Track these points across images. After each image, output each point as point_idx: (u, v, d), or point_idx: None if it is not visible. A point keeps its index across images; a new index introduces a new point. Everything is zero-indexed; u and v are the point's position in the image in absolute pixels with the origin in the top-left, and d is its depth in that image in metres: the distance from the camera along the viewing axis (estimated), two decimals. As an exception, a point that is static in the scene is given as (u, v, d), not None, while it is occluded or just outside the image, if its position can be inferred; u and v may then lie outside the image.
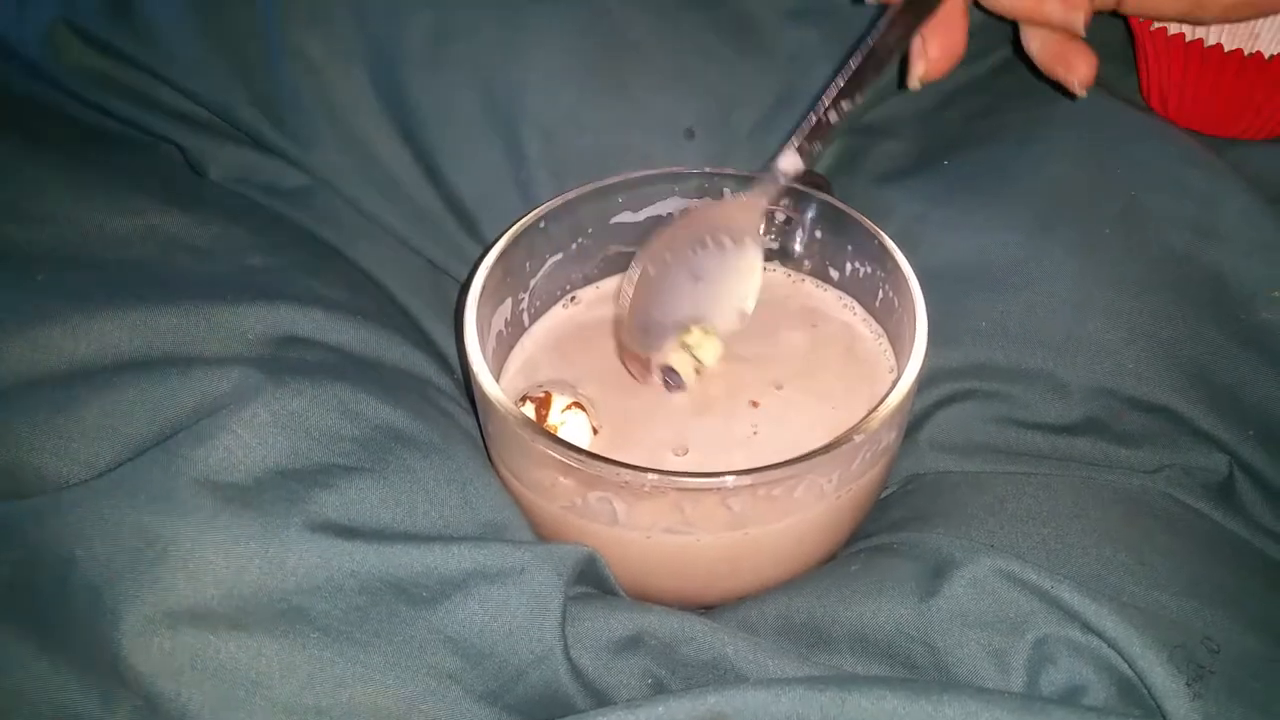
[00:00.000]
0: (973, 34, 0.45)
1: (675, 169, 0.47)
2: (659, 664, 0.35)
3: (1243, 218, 0.46)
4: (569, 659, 0.34)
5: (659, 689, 0.35)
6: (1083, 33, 0.44)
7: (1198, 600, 0.36)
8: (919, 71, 0.43)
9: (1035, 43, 0.46)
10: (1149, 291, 0.44)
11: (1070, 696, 0.34)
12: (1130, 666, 0.33)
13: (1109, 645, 0.34)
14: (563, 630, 0.34)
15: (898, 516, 0.42)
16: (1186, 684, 0.33)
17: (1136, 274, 0.44)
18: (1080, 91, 0.44)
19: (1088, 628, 0.34)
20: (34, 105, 0.48)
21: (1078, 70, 0.44)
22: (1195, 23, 0.47)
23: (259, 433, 0.34)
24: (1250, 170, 0.48)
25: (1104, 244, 0.45)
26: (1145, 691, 0.33)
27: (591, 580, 0.38)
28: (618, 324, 0.46)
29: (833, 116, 0.42)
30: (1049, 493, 0.40)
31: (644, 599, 0.39)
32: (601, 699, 0.34)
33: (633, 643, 0.35)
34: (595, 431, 0.42)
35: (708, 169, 0.47)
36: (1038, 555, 0.37)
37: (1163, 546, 0.38)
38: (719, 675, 0.35)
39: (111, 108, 0.48)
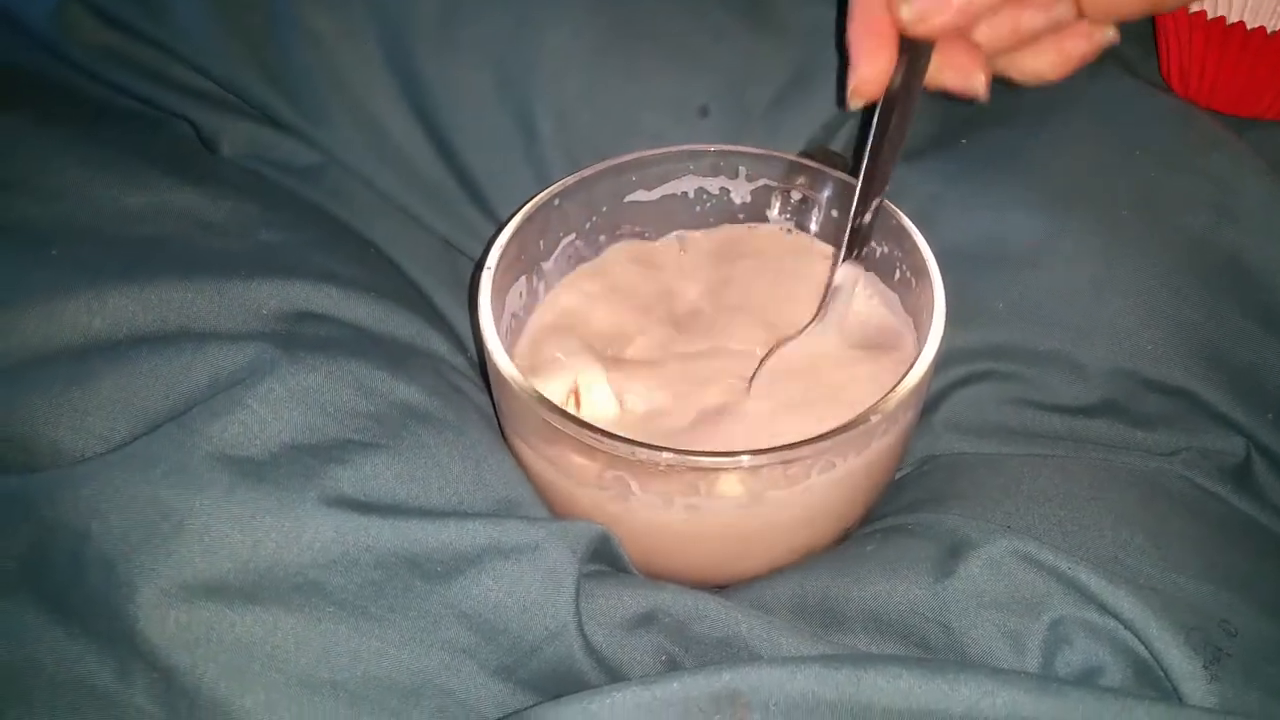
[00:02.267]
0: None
1: (689, 147, 0.46)
2: (673, 641, 0.35)
3: (1262, 200, 0.45)
4: (583, 635, 0.34)
5: (672, 666, 0.35)
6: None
7: (1214, 583, 0.36)
8: (852, 93, 0.40)
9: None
10: (1168, 273, 0.44)
11: (1086, 678, 0.33)
12: (1147, 648, 0.33)
13: (1125, 627, 0.34)
14: (577, 606, 0.34)
15: (913, 497, 0.41)
16: (1203, 666, 0.33)
17: (1155, 256, 0.44)
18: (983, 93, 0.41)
19: (1104, 609, 0.34)
20: (44, 81, 0.48)
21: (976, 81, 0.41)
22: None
23: (275, 408, 0.34)
24: (1271, 151, 0.48)
25: (1122, 225, 0.45)
26: (1162, 673, 0.33)
27: (605, 558, 0.38)
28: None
29: (868, 218, 0.41)
30: (1065, 475, 0.40)
31: (657, 577, 0.39)
32: (615, 675, 0.34)
33: (646, 620, 0.35)
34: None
35: (722, 147, 0.46)
36: (1054, 537, 0.37)
37: (1179, 529, 0.38)
38: (732, 653, 0.35)
39: (123, 83, 0.48)
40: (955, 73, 0.40)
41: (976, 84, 0.39)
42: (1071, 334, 0.43)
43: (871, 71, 0.38)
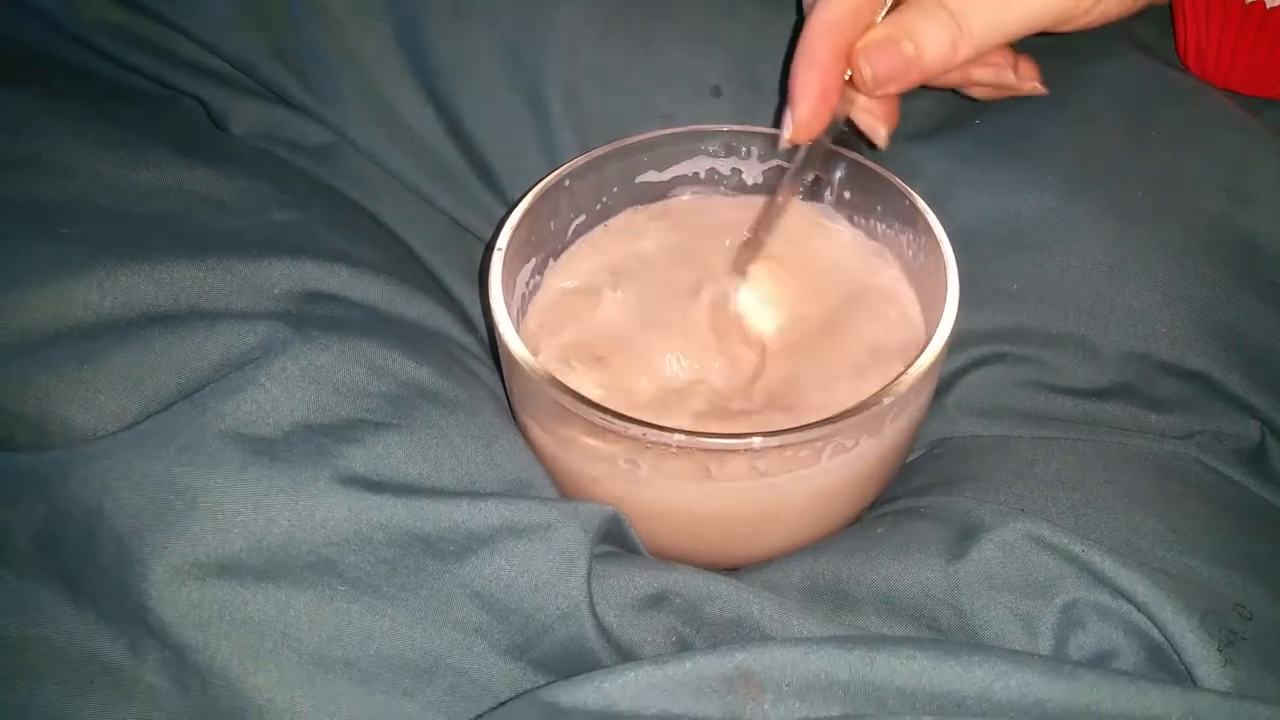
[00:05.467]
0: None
1: (701, 127, 0.46)
2: (684, 622, 0.35)
3: (1278, 181, 0.45)
4: (595, 615, 0.34)
5: (683, 647, 0.35)
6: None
7: (1229, 566, 0.36)
8: (786, 136, 0.43)
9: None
10: (1183, 255, 0.43)
11: (1100, 661, 0.33)
12: (1161, 632, 0.33)
13: (1139, 610, 0.33)
14: (589, 586, 0.34)
15: (925, 480, 0.41)
16: (1218, 649, 0.32)
17: (1170, 237, 0.44)
18: (883, 144, 0.45)
19: (1118, 592, 0.34)
20: (54, 59, 0.48)
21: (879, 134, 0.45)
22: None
23: (287, 387, 0.34)
24: (1288, 132, 0.47)
25: (1137, 206, 0.45)
26: (1175, 657, 0.33)
27: (616, 539, 0.38)
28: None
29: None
30: (1079, 457, 0.40)
31: (668, 559, 0.39)
32: (626, 655, 0.35)
33: (657, 600, 0.35)
34: None
35: (734, 127, 0.46)
36: (1067, 520, 0.37)
37: (1194, 512, 0.38)
38: (743, 634, 0.35)
39: (132, 62, 0.48)
40: (868, 118, 0.44)
41: (879, 136, 0.44)
42: (1085, 316, 0.42)
43: (812, 117, 0.41)
